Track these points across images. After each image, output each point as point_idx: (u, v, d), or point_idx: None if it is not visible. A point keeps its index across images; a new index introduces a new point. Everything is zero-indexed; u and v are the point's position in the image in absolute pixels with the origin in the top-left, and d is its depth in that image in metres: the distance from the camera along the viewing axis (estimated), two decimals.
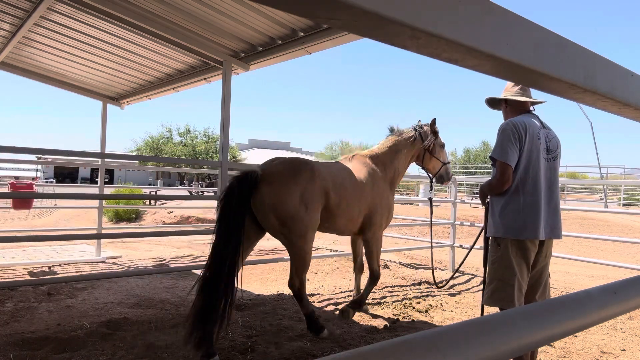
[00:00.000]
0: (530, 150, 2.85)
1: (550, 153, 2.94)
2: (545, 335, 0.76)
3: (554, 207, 2.92)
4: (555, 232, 2.91)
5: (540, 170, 2.87)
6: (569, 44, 0.79)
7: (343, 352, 0.58)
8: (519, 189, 2.85)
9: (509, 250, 2.85)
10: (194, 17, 4.52)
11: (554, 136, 3.02)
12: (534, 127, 2.91)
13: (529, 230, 2.80)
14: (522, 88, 3.07)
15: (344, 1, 0.50)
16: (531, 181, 2.84)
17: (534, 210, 2.82)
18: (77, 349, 3.44)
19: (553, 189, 2.94)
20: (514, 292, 2.81)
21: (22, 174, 41.53)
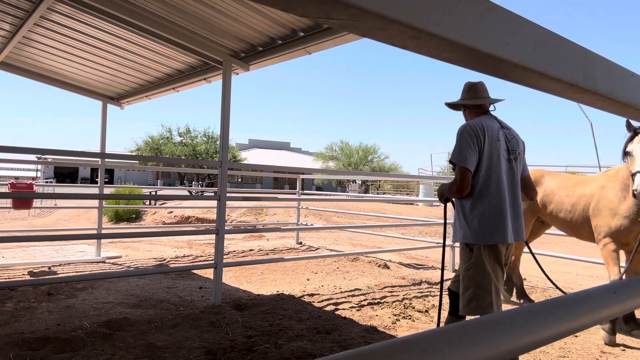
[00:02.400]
0: (491, 152, 2.80)
1: (511, 154, 2.90)
2: (545, 335, 0.76)
3: (517, 210, 2.88)
4: (520, 234, 2.89)
5: (502, 171, 2.82)
6: (569, 44, 0.79)
7: (343, 352, 0.58)
8: (482, 192, 2.80)
9: (482, 255, 2.78)
10: (194, 17, 4.52)
11: (514, 136, 2.97)
12: (493, 128, 2.86)
13: (499, 234, 2.76)
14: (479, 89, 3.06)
15: (344, 1, 0.50)
16: (494, 183, 2.79)
17: (500, 213, 2.77)
18: (77, 349, 3.44)
19: (515, 191, 2.89)
20: (492, 298, 2.76)
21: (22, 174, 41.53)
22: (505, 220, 2.77)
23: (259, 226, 13.02)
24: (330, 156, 43.19)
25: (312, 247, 9.46)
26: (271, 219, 14.68)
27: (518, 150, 2.94)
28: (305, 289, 5.76)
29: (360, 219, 14.50)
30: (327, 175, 22.88)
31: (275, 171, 18.35)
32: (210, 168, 24.43)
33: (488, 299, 2.77)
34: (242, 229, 10.79)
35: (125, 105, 7.95)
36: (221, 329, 4.02)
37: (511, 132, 2.97)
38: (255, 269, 6.83)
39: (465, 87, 3.11)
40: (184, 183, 34.18)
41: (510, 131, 2.98)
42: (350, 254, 7.67)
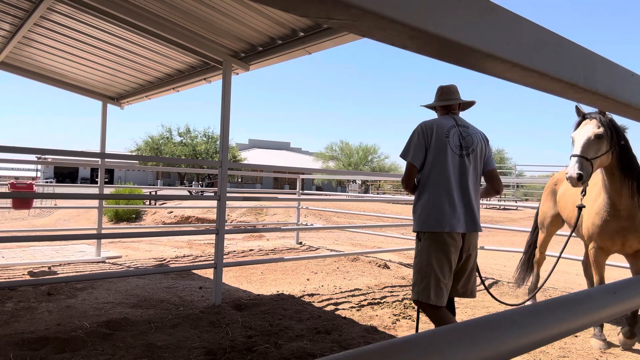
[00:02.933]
0: (437, 147, 3.00)
1: (463, 150, 3.04)
2: (545, 335, 0.76)
3: (467, 202, 2.99)
4: (470, 225, 2.98)
5: (449, 166, 2.98)
6: (569, 44, 0.79)
7: (343, 352, 0.58)
8: (428, 184, 3.02)
9: (427, 243, 2.96)
10: (194, 17, 4.52)
11: (470, 134, 3.10)
12: (444, 126, 3.06)
13: (441, 223, 2.92)
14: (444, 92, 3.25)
15: (344, 1, 0.50)
16: (439, 177, 2.98)
17: (445, 203, 2.94)
18: (77, 349, 3.44)
19: (466, 184, 3.00)
20: (430, 285, 2.91)
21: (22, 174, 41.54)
22: (448, 210, 2.93)
23: (259, 226, 13.03)
24: (330, 156, 43.18)
25: (312, 247, 9.46)
26: (271, 219, 14.68)
27: (472, 147, 3.06)
28: (305, 289, 5.76)
29: (360, 219, 14.50)
30: (327, 175, 22.88)
31: (275, 171, 18.35)
32: (210, 168, 24.43)
33: (427, 286, 2.92)
34: (242, 229, 10.79)
35: (125, 105, 7.95)
36: (221, 329, 4.02)
37: (468, 130, 3.12)
38: (255, 269, 6.83)
39: (437, 91, 3.34)
40: (184, 183, 34.18)
41: (468, 129, 3.13)
42: (350, 254, 7.67)
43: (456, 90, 3.28)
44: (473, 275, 3.11)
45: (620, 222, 3.70)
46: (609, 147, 3.54)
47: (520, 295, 5.82)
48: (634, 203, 3.62)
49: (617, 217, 3.72)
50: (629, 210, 3.64)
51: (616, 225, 3.73)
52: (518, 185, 25.09)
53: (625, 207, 3.65)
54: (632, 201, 3.62)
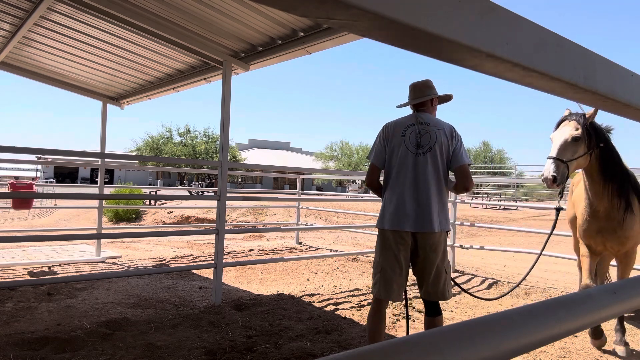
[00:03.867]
0: (394, 147, 3.06)
1: (420, 148, 3.01)
2: (545, 335, 0.76)
3: (421, 201, 2.94)
4: (422, 224, 2.91)
5: (405, 165, 3.00)
6: (569, 44, 0.79)
7: (343, 352, 0.58)
8: (386, 184, 3.10)
9: (378, 240, 3.06)
10: (194, 17, 4.52)
11: (429, 131, 3.03)
12: (401, 125, 3.10)
13: (389, 220, 2.97)
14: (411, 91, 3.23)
15: (344, 1, 0.50)
16: (394, 176, 3.03)
17: (392, 202, 2.99)
18: (77, 349, 3.44)
19: (421, 183, 2.95)
20: (378, 281, 2.97)
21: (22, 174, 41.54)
22: (397, 208, 2.96)
23: (259, 226, 13.03)
24: (330, 156, 43.20)
25: (312, 247, 9.46)
26: (271, 219, 14.68)
27: (429, 145, 3.00)
28: (305, 289, 5.76)
29: (360, 219, 14.49)
30: (327, 175, 22.88)
31: (275, 171, 18.35)
32: (210, 168, 24.42)
33: (377, 281, 3.00)
34: (242, 229, 10.79)
35: (125, 105, 7.95)
36: (221, 329, 4.02)
37: (428, 127, 3.06)
38: (255, 269, 6.83)
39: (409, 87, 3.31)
40: (184, 183, 34.18)
41: (428, 126, 3.06)
42: (350, 254, 7.67)
43: (426, 86, 3.22)
44: (442, 277, 2.98)
45: (599, 223, 3.70)
46: (586, 150, 3.49)
47: (521, 295, 5.82)
48: (614, 205, 3.59)
49: (596, 218, 3.71)
50: (607, 212, 3.62)
51: (596, 226, 3.73)
52: (518, 185, 25.08)
53: (603, 209, 3.64)
54: (612, 204, 3.59)
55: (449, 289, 3.04)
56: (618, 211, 3.59)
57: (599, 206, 3.67)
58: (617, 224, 3.60)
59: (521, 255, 8.49)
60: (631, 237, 3.63)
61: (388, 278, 2.95)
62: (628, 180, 3.62)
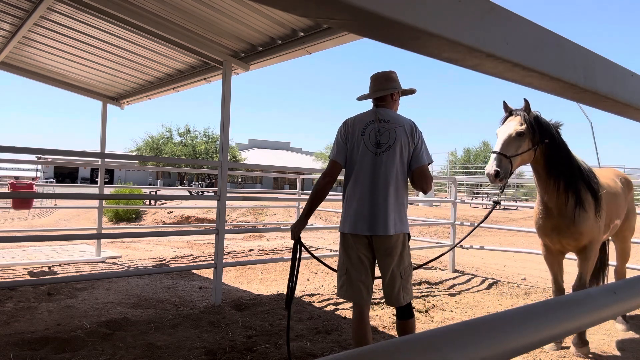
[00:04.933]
0: (352, 146, 2.91)
1: (380, 147, 2.85)
2: (545, 335, 0.76)
3: (377, 203, 2.79)
4: (380, 228, 2.78)
5: (362, 164, 2.85)
6: (569, 44, 0.79)
7: (343, 352, 0.58)
8: (345, 184, 2.97)
9: (341, 242, 2.98)
10: (194, 17, 4.52)
11: (389, 129, 2.87)
12: (361, 122, 2.94)
13: (345, 223, 2.90)
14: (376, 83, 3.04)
15: (344, 1, 0.50)
16: (352, 176, 2.90)
17: (351, 205, 2.88)
18: (77, 349, 3.44)
19: (377, 184, 2.81)
20: (344, 284, 2.90)
21: (22, 174, 41.52)
22: (353, 211, 2.85)
23: (259, 226, 13.02)
24: None
25: (312, 247, 9.46)
26: (271, 219, 14.68)
27: (388, 144, 2.84)
28: (305, 289, 5.76)
29: None
30: None
31: (275, 171, 18.34)
32: (210, 168, 24.42)
33: (342, 284, 2.93)
34: (242, 229, 10.79)
35: (125, 105, 7.95)
36: (221, 329, 4.02)
37: (388, 124, 2.89)
38: (255, 269, 6.83)
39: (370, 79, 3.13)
40: (184, 183, 34.17)
41: (388, 124, 2.89)
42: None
43: (387, 79, 3.03)
44: (397, 281, 2.84)
45: (552, 220, 3.68)
46: (531, 145, 3.46)
47: (521, 295, 5.82)
48: (563, 202, 3.57)
49: (549, 216, 3.70)
50: (559, 208, 3.60)
51: (550, 224, 3.71)
52: (518, 186, 25.08)
53: (555, 206, 3.63)
54: (560, 199, 3.58)
55: (404, 295, 2.87)
56: (567, 207, 3.57)
57: (550, 203, 3.66)
58: (570, 221, 3.59)
59: (521, 255, 8.49)
60: (585, 233, 3.60)
61: (353, 279, 2.86)
62: (578, 176, 3.58)
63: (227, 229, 5.29)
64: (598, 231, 3.68)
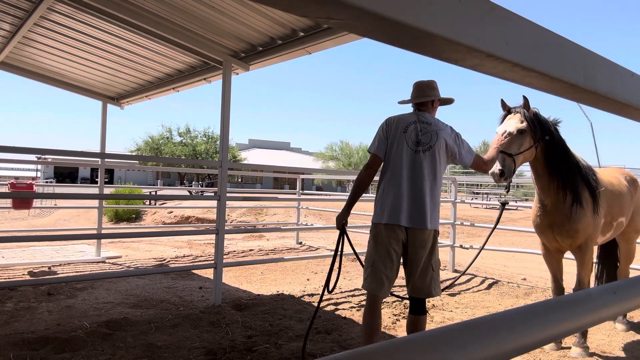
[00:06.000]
0: (393, 142, 3.09)
1: (420, 146, 3.05)
2: (545, 335, 0.76)
3: (416, 197, 2.98)
4: (418, 221, 2.95)
5: (403, 161, 3.02)
6: (569, 44, 0.79)
7: (343, 352, 0.58)
8: (382, 178, 3.12)
9: (371, 235, 3.07)
10: (194, 17, 4.52)
11: (430, 131, 3.09)
12: (404, 121, 3.14)
13: (383, 214, 2.99)
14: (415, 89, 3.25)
15: (344, 1, 0.50)
16: (390, 170, 3.05)
17: (389, 196, 3.00)
18: (77, 349, 3.44)
19: (418, 180, 3.00)
20: (369, 275, 2.98)
21: (22, 174, 41.52)
22: (392, 203, 2.97)
23: (259, 226, 13.02)
24: (330, 156, 43.16)
25: (312, 247, 9.46)
26: (271, 219, 14.67)
27: (429, 144, 3.06)
28: (305, 289, 5.76)
29: (360, 219, 14.50)
30: (327, 175, 22.88)
31: (275, 171, 18.33)
32: (210, 168, 24.41)
33: (367, 275, 3.01)
34: (242, 229, 10.79)
35: (125, 105, 7.95)
36: (221, 329, 4.02)
37: (429, 127, 3.11)
38: (255, 269, 6.83)
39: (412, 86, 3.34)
40: (184, 183, 34.16)
41: (429, 126, 3.12)
42: (351, 254, 7.66)
43: (429, 87, 3.26)
44: (429, 273, 3.02)
45: (548, 217, 3.69)
46: (532, 143, 3.47)
47: (521, 295, 5.82)
48: (559, 199, 3.58)
49: (545, 213, 3.71)
50: (555, 205, 3.61)
51: (546, 221, 3.72)
52: (518, 186, 25.07)
53: (551, 203, 3.64)
54: (558, 197, 3.58)
55: (435, 287, 3.05)
56: (564, 204, 3.57)
57: (546, 200, 3.66)
58: (565, 218, 3.59)
59: (521, 255, 8.49)
60: (581, 230, 3.60)
61: (378, 271, 2.96)
62: (577, 173, 3.59)
63: (227, 229, 5.29)
64: (594, 229, 3.67)
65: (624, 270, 4.55)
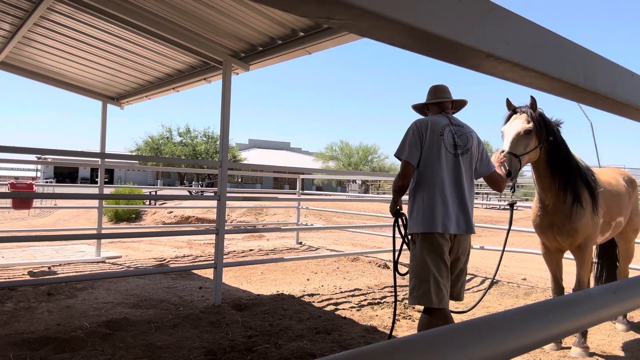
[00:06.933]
0: (431, 146, 2.93)
1: (458, 149, 2.98)
2: (545, 335, 0.76)
3: (461, 202, 2.93)
4: (464, 226, 2.92)
5: (442, 164, 2.91)
6: (569, 44, 0.79)
7: (343, 352, 0.58)
8: (421, 184, 2.95)
9: (421, 245, 2.89)
10: (194, 17, 4.52)
11: (465, 132, 3.04)
12: (438, 124, 2.99)
13: (434, 223, 2.85)
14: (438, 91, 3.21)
15: (344, 1, 0.50)
16: (431, 176, 2.91)
17: (435, 203, 2.87)
18: (77, 349, 3.44)
19: (460, 184, 2.94)
20: (430, 288, 2.82)
21: (22, 174, 41.52)
22: (441, 210, 2.86)
23: (259, 226, 13.02)
24: (330, 156, 43.19)
25: (312, 247, 9.46)
26: (271, 219, 14.67)
27: (467, 146, 3.00)
28: (305, 289, 5.76)
29: (360, 219, 14.50)
30: (327, 175, 22.88)
31: (275, 171, 18.34)
32: (210, 168, 24.41)
33: (426, 289, 2.84)
34: (242, 229, 10.79)
35: (125, 105, 7.95)
36: (221, 329, 4.02)
37: (462, 129, 3.06)
38: (255, 269, 6.82)
39: (429, 90, 3.29)
40: (184, 183, 34.16)
41: (462, 128, 3.07)
42: (350, 254, 7.67)
43: (448, 90, 3.24)
44: (462, 278, 3.04)
45: (548, 217, 3.70)
46: (537, 143, 3.47)
47: (521, 295, 5.82)
48: (560, 199, 3.59)
49: (546, 213, 3.72)
50: (556, 205, 3.62)
51: (546, 221, 3.74)
52: (518, 186, 25.10)
53: (551, 203, 3.65)
54: (558, 197, 3.60)
55: (463, 291, 3.07)
56: (565, 204, 3.59)
57: (547, 200, 3.68)
58: (565, 217, 3.61)
59: (521, 255, 8.49)
60: (580, 230, 3.62)
61: (439, 283, 2.83)
62: (577, 174, 3.60)
63: (227, 229, 5.29)
64: (594, 229, 3.70)
65: (623, 270, 4.56)
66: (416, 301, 2.89)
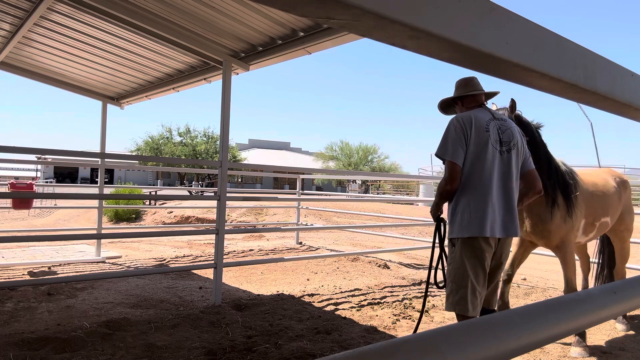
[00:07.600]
0: (477, 143, 2.69)
1: (504, 145, 2.75)
2: (545, 335, 0.76)
3: (508, 203, 2.73)
4: (511, 229, 2.74)
5: (488, 163, 2.68)
6: (569, 44, 0.79)
7: (343, 352, 0.58)
8: (467, 184, 2.71)
9: (461, 250, 2.70)
10: (194, 17, 4.52)
11: (508, 127, 2.82)
12: (482, 119, 2.75)
13: (477, 227, 2.64)
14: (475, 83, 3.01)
15: (344, 1, 0.50)
16: (480, 175, 2.68)
17: (481, 206, 2.65)
18: (77, 349, 3.44)
19: (508, 183, 2.73)
20: (467, 295, 2.67)
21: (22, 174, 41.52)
22: (487, 213, 2.65)
23: (259, 226, 13.02)
24: (330, 156, 43.18)
25: (312, 247, 9.46)
26: (271, 219, 14.67)
27: (513, 142, 2.78)
28: (305, 289, 5.76)
29: (360, 219, 14.49)
30: (327, 175, 22.88)
31: (275, 171, 18.33)
32: (210, 168, 24.41)
33: (463, 296, 2.68)
34: (242, 229, 10.79)
35: (125, 105, 7.95)
36: (221, 329, 4.02)
37: (506, 123, 2.83)
38: (255, 269, 6.82)
39: (459, 82, 3.04)
40: (184, 183, 34.17)
41: (505, 122, 2.84)
42: (350, 254, 7.67)
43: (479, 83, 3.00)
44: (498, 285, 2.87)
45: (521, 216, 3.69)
46: None
47: (521, 295, 5.82)
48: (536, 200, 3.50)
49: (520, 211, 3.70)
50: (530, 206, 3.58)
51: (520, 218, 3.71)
52: None
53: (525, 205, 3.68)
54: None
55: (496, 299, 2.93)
56: (539, 206, 3.59)
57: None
58: (538, 219, 3.64)
59: None
60: (553, 231, 3.64)
61: (475, 291, 2.67)
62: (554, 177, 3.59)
63: (227, 229, 5.28)
64: (568, 230, 3.72)
65: (620, 270, 4.58)
66: (452, 308, 2.73)
